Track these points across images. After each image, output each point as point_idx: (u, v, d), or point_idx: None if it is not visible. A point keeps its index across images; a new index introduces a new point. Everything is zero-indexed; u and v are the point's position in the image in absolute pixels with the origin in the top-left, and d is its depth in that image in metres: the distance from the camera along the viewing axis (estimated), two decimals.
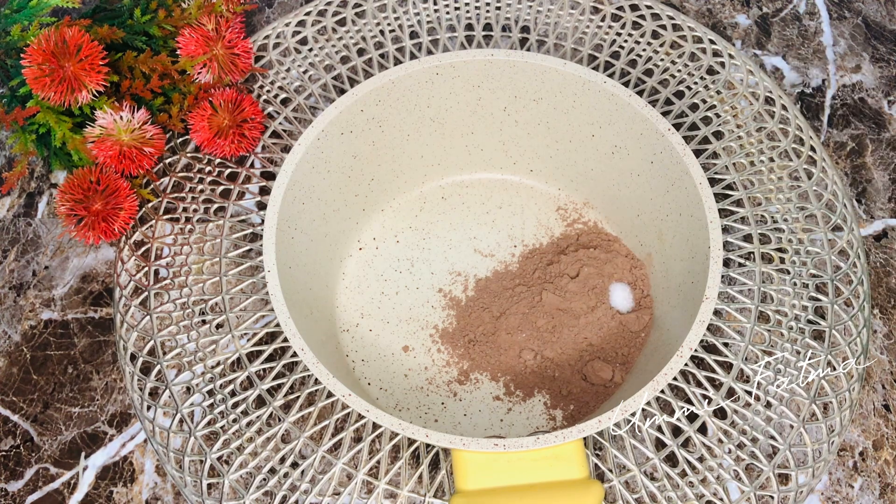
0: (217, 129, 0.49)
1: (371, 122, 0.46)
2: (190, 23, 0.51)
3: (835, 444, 0.44)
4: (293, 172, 0.42)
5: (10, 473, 0.45)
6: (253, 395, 0.45)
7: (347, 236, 0.50)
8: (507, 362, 0.46)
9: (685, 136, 0.52)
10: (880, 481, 0.44)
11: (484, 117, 0.48)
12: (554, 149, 0.49)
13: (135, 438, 0.45)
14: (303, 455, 0.44)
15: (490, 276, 0.49)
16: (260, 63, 0.56)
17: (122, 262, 0.49)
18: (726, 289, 0.47)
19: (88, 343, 0.48)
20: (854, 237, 0.49)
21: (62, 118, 0.49)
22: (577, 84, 0.44)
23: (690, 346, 0.37)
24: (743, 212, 0.49)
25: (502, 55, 0.44)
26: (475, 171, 0.52)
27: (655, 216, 0.46)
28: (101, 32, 0.49)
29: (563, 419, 0.45)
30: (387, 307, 0.48)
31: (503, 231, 0.51)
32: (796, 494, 0.42)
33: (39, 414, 0.46)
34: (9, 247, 0.51)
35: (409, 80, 0.45)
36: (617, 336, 0.46)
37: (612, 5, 0.57)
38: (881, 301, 0.49)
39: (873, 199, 0.52)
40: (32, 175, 0.54)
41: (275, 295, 0.39)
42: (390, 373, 0.46)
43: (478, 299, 0.48)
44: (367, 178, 0.49)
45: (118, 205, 0.48)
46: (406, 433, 0.36)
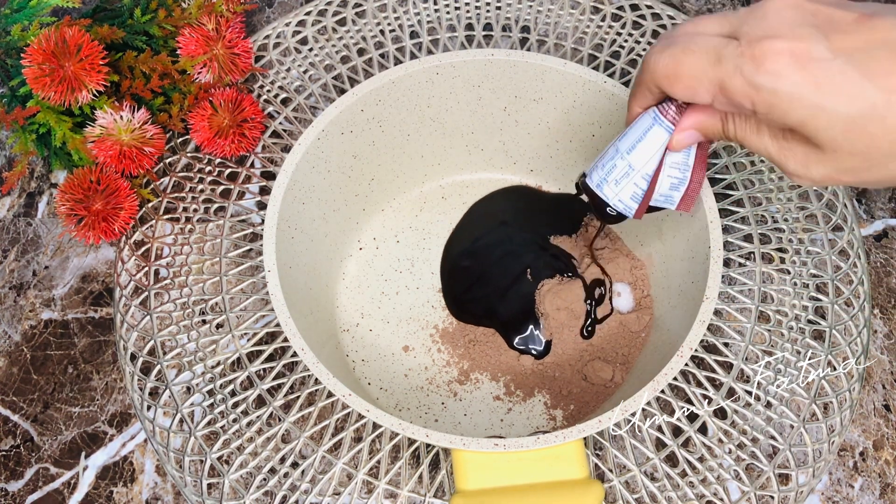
0: (217, 129, 0.49)
1: (371, 122, 0.46)
2: (190, 22, 0.51)
3: (835, 444, 0.44)
4: (293, 172, 0.42)
5: (10, 473, 0.45)
6: (253, 395, 0.45)
7: (347, 236, 0.49)
8: (507, 362, 0.46)
9: None
10: (880, 481, 0.44)
11: (484, 117, 0.48)
12: (554, 149, 0.49)
13: (135, 438, 0.45)
14: (303, 455, 0.44)
15: None
16: (260, 63, 0.56)
17: (122, 261, 0.49)
18: (726, 289, 0.47)
19: (88, 343, 0.48)
20: (854, 237, 0.49)
21: (62, 118, 0.49)
22: (577, 84, 0.44)
23: (691, 346, 0.37)
24: (743, 211, 0.49)
25: (502, 55, 0.44)
26: (475, 171, 0.52)
27: (655, 216, 0.46)
28: (101, 32, 0.49)
29: (564, 419, 0.45)
30: (387, 307, 0.48)
31: None
32: (796, 494, 0.42)
33: (39, 414, 0.46)
34: (9, 247, 0.51)
35: (410, 79, 0.45)
36: (617, 336, 0.46)
37: (612, 5, 0.57)
38: (881, 301, 0.49)
39: (874, 199, 0.52)
40: (32, 175, 0.54)
41: (275, 295, 0.39)
42: (390, 373, 0.46)
43: None
44: (368, 178, 0.49)
45: (118, 205, 0.48)
46: (406, 433, 0.36)
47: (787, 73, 0.28)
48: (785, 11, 0.28)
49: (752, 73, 0.28)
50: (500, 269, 0.49)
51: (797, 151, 0.30)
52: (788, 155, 0.30)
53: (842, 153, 0.28)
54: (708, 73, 0.30)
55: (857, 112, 0.27)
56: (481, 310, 0.47)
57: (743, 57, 0.28)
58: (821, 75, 0.27)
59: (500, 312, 0.47)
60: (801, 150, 0.30)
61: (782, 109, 0.28)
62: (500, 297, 0.48)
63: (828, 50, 0.27)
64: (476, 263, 0.49)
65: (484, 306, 0.48)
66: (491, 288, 0.48)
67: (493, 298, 0.48)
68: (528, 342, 0.46)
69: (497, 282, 0.48)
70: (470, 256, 0.49)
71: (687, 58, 0.30)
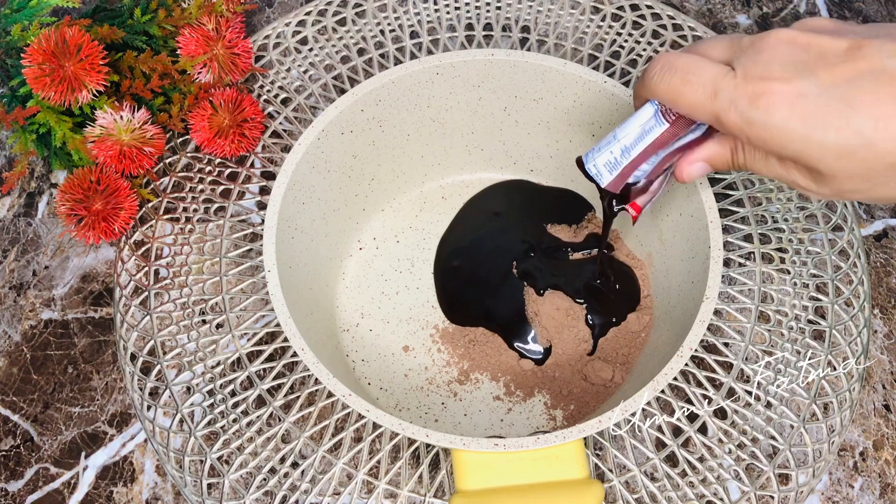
0: (217, 129, 0.49)
1: (371, 122, 0.46)
2: (190, 22, 0.51)
3: (835, 444, 0.44)
4: (293, 172, 0.42)
5: (10, 473, 0.45)
6: (253, 395, 0.45)
7: (347, 236, 0.50)
8: (507, 362, 0.46)
9: None
10: (880, 481, 0.44)
11: (484, 117, 0.48)
12: (554, 149, 0.49)
13: (135, 438, 0.45)
14: (303, 455, 0.44)
15: None
16: (260, 63, 0.56)
17: (122, 261, 0.49)
18: (726, 289, 0.47)
19: (88, 343, 0.48)
20: (854, 237, 0.49)
21: (62, 118, 0.49)
22: (577, 84, 0.44)
23: (690, 346, 0.37)
24: (743, 211, 0.49)
25: (502, 55, 0.44)
26: (475, 171, 0.52)
27: (655, 216, 0.46)
28: (101, 32, 0.49)
29: (564, 419, 0.45)
30: (387, 307, 0.48)
31: None
32: (796, 494, 0.42)
33: (39, 414, 0.46)
34: (9, 247, 0.51)
35: (410, 79, 0.45)
36: (617, 336, 0.46)
37: (612, 5, 0.57)
38: (881, 301, 0.49)
39: None
40: (32, 175, 0.54)
41: (275, 295, 0.39)
42: (390, 373, 0.46)
43: None
44: (368, 178, 0.49)
45: (118, 205, 0.48)
46: (406, 433, 0.36)
47: (776, 109, 0.29)
48: (779, 48, 0.30)
49: (745, 109, 0.30)
50: (490, 267, 0.48)
51: (804, 173, 0.31)
52: (797, 176, 0.32)
53: (841, 178, 0.30)
54: (705, 106, 0.31)
55: (845, 141, 0.29)
56: (475, 312, 0.47)
57: (737, 91, 0.30)
58: (808, 110, 0.29)
59: (493, 314, 0.47)
60: (806, 172, 0.31)
61: (776, 143, 0.30)
62: (493, 297, 0.47)
63: (815, 86, 0.29)
64: (466, 262, 0.49)
65: (477, 308, 0.47)
66: (482, 288, 0.48)
67: (485, 299, 0.47)
68: (527, 351, 0.46)
69: (487, 281, 0.48)
70: (460, 255, 0.49)
71: (685, 89, 0.32)
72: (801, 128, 0.29)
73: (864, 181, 0.30)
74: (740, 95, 0.30)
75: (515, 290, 0.48)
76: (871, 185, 0.30)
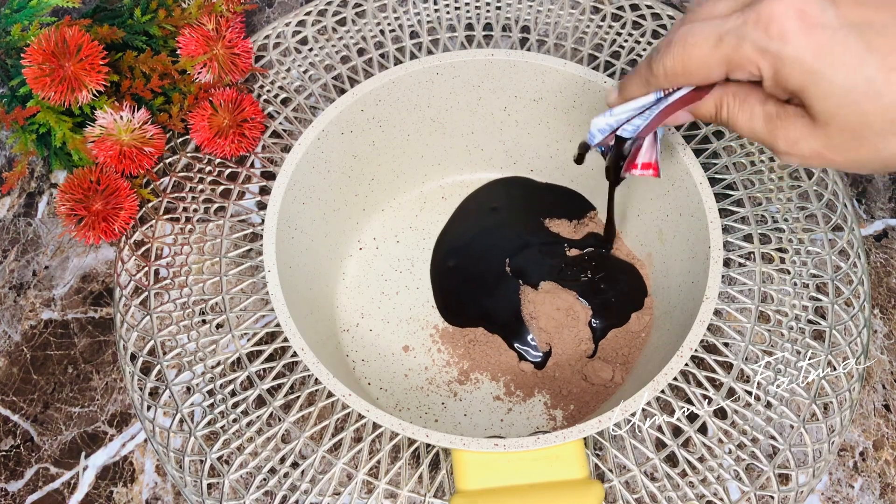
0: (217, 129, 0.49)
1: (371, 122, 0.46)
2: (190, 22, 0.51)
3: (835, 444, 0.44)
4: (293, 172, 0.42)
5: (10, 473, 0.45)
6: (253, 395, 0.45)
7: (347, 236, 0.49)
8: (507, 362, 0.46)
9: (685, 135, 0.52)
10: (880, 481, 0.44)
11: (484, 117, 0.48)
12: (554, 149, 0.49)
13: (135, 438, 0.45)
14: (303, 455, 0.44)
15: None
16: (260, 63, 0.56)
17: (122, 261, 0.49)
18: (726, 289, 0.47)
19: (88, 343, 0.48)
20: (854, 237, 0.49)
21: (62, 118, 0.49)
22: (577, 84, 0.44)
23: (690, 346, 0.37)
24: (743, 212, 0.49)
25: (502, 55, 0.44)
26: (475, 171, 0.52)
27: (655, 216, 0.46)
28: (101, 32, 0.49)
29: (564, 419, 0.45)
30: (387, 307, 0.48)
31: None
32: (796, 494, 0.42)
33: (39, 414, 0.46)
34: (9, 247, 0.51)
35: (410, 79, 0.45)
36: (617, 336, 0.46)
37: (612, 5, 0.57)
38: (881, 301, 0.49)
39: (873, 199, 0.52)
40: (32, 175, 0.54)
41: (275, 295, 0.39)
42: (390, 373, 0.46)
43: None
44: (368, 178, 0.49)
45: (118, 205, 0.48)
46: (406, 433, 0.36)
47: (792, 36, 0.27)
48: None
49: (758, 39, 0.28)
50: (485, 266, 0.48)
51: (788, 127, 0.30)
52: (778, 134, 0.30)
53: (833, 127, 0.28)
54: (713, 57, 0.30)
55: (853, 85, 0.27)
56: (471, 314, 0.47)
57: (746, 25, 0.28)
58: (823, 42, 0.27)
59: (490, 316, 0.47)
60: (792, 124, 0.30)
61: (785, 73, 0.28)
62: (489, 298, 0.47)
63: (835, 16, 0.27)
64: (462, 262, 0.49)
65: (473, 310, 0.47)
66: (478, 289, 0.48)
67: (481, 300, 0.47)
68: (526, 354, 0.46)
69: (483, 281, 0.48)
70: (456, 255, 0.49)
71: (689, 51, 0.31)
72: (812, 60, 0.27)
73: (853, 137, 0.28)
74: (750, 27, 0.28)
75: (511, 289, 0.48)
76: (859, 143, 0.28)
